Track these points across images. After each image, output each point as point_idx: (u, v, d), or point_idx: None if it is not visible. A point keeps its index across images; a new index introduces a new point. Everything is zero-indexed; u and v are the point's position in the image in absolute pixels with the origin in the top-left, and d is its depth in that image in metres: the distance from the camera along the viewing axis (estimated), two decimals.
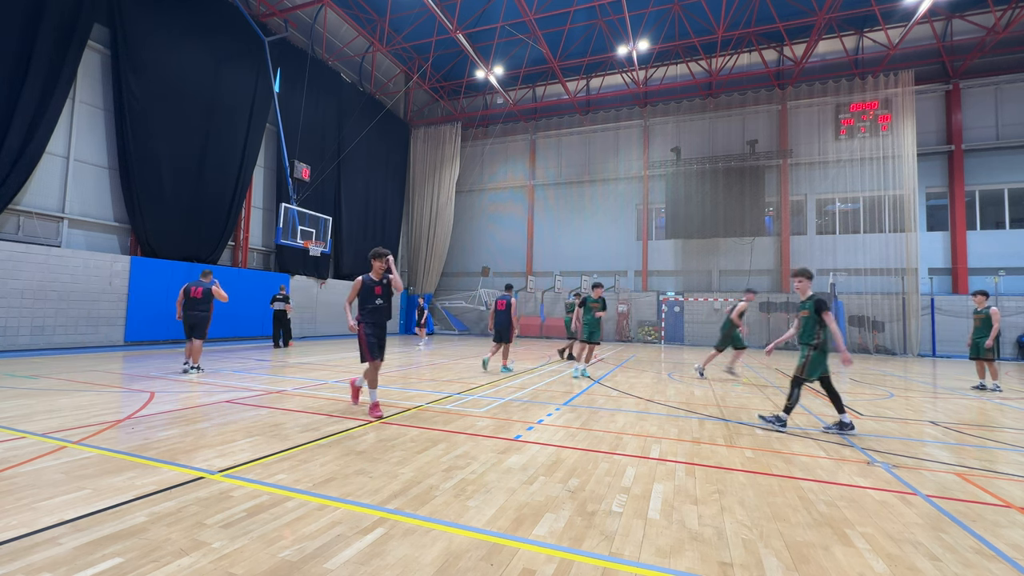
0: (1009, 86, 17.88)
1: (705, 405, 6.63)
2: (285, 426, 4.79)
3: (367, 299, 5.45)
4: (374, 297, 5.43)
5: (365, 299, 5.45)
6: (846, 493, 3.36)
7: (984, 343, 8.69)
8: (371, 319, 5.42)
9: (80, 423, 4.67)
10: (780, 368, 11.98)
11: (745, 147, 20.58)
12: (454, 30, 17.10)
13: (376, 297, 5.43)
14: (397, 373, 9.14)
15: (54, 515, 2.64)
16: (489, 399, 6.63)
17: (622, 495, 3.22)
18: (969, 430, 5.50)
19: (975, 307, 8.99)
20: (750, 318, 19.81)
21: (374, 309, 5.43)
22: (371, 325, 5.43)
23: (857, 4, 17.59)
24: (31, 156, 10.78)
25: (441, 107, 25.79)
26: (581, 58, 21.44)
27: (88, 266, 11.86)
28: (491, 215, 25.32)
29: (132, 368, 8.69)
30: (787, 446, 4.58)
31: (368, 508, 2.88)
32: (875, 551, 2.52)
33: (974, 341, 8.92)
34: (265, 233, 17.60)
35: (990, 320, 8.64)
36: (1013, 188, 17.72)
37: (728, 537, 2.64)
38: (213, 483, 3.20)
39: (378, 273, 5.49)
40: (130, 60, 12.58)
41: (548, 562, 2.31)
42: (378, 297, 5.44)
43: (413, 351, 14.26)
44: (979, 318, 8.84)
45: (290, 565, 2.21)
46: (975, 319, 8.90)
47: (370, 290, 5.44)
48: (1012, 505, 3.23)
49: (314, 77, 18.20)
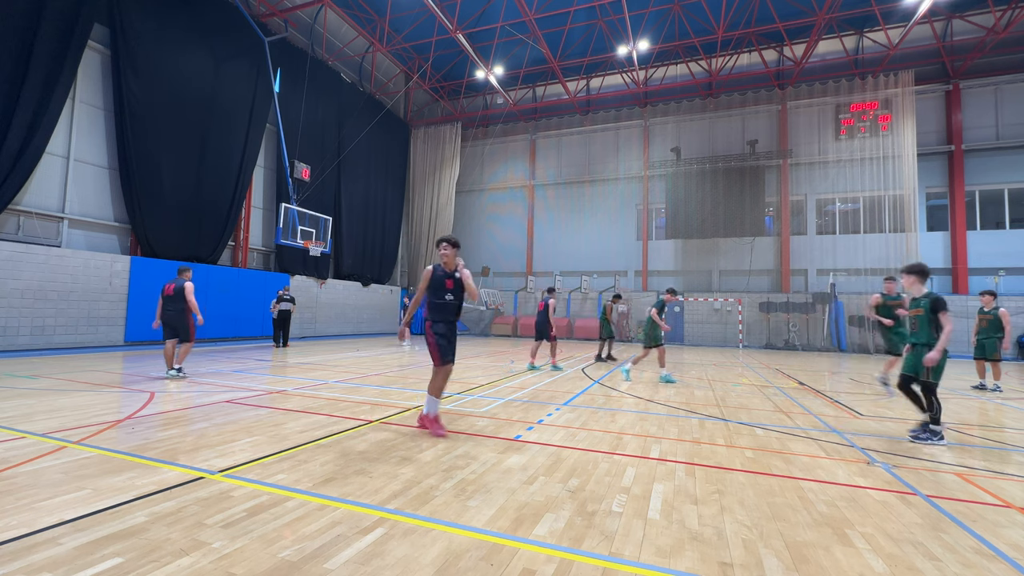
0: (1009, 86, 17.88)
1: (705, 405, 6.63)
2: (285, 426, 4.79)
3: (437, 293, 4.75)
4: (444, 291, 4.75)
5: (435, 293, 4.76)
6: (846, 493, 3.36)
7: (991, 344, 8.61)
8: (440, 316, 4.75)
9: (80, 423, 4.67)
10: (781, 369, 11.98)
11: (745, 147, 20.58)
12: (454, 30, 17.10)
13: (447, 291, 4.75)
14: (397, 373, 9.14)
15: (54, 515, 2.64)
16: (489, 399, 6.63)
17: (622, 495, 3.22)
18: (969, 430, 5.50)
19: (982, 307, 8.87)
20: (749, 318, 19.87)
21: (444, 305, 4.76)
22: (441, 323, 4.75)
23: (857, 4, 17.60)
24: (31, 156, 10.78)
25: (441, 107, 25.80)
26: (581, 58, 21.44)
27: (88, 266, 11.86)
28: (491, 215, 25.32)
29: (132, 368, 8.69)
30: (787, 446, 4.58)
31: (368, 508, 2.88)
32: (875, 551, 2.52)
33: (980, 341, 8.82)
34: (265, 233, 17.61)
35: (999, 321, 8.54)
36: (1013, 188, 17.73)
37: (728, 537, 2.64)
38: (213, 483, 3.20)
39: (450, 264, 4.79)
40: (130, 60, 12.58)
41: (548, 562, 2.31)
42: (449, 292, 4.76)
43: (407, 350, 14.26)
44: (987, 319, 8.71)
45: (290, 565, 2.21)
46: (981, 319, 8.79)
47: (441, 283, 4.74)
48: (1012, 505, 3.23)
49: (314, 77, 18.21)
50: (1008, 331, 8.51)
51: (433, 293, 4.76)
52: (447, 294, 4.75)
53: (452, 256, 4.76)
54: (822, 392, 8.18)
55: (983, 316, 8.80)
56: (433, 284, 4.75)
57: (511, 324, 23.50)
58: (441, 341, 4.71)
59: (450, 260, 4.77)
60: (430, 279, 4.75)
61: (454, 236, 4.86)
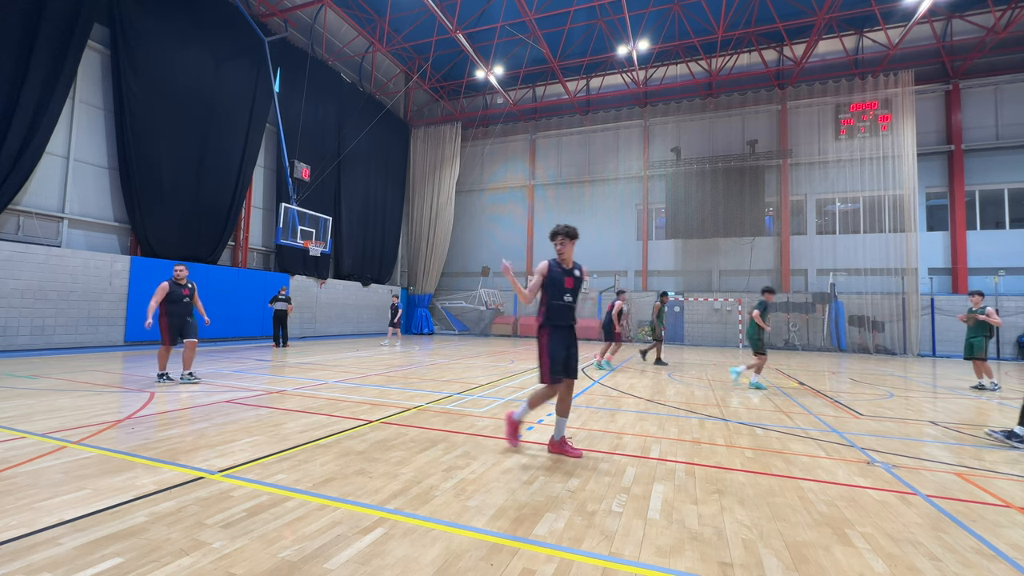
0: (1009, 86, 17.88)
1: (705, 405, 6.63)
2: (285, 426, 4.79)
3: (555, 292, 3.98)
4: (563, 291, 3.97)
5: (552, 293, 3.99)
6: (846, 493, 3.36)
7: (979, 343, 8.73)
8: (559, 320, 4.00)
9: (80, 423, 4.67)
10: (780, 369, 11.98)
11: (745, 147, 20.58)
12: (454, 30, 17.10)
13: (566, 292, 3.98)
14: (397, 373, 9.14)
15: (54, 515, 2.64)
16: (489, 399, 6.64)
17: (622, 495, 3.22)
18: (969, 430, 5.50)
19: (970, 307, 9.02)
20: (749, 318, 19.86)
21: (564, 308, 4.00)
22: (560, 329, 3.99)
23: (857, 4, 17.60)
24: (31, 156, 10.78)
25: (441, 107, 25.79)
26: (581, 58, 21.44)
27: (88, 266, 11.86)
28: (491, 215, 25.31)
29: (132, 368, 8.69)
30: (787, 446, 4.58)
31: (368, 508, 2.88)
32: (875, 551, 2.52)
33: (968, 341, 8.96)
34: (265, 233, 17.61)
35: (985, 320, 8.68)
36: (1013, 188, 17.72)
37: (728, 537, 2.64)
38: (213, 483, 3.20)
39: (568, 260, 4.04)
40: (130, 60, 12.58)
41: (548, 562, 2.31)
42: (568, 292, 3.99)
43: (408, 351, 14.26)
44: (974, 318, 8.86)
45: (290, 565, 2.21)
46: (969, 319, 8.91)
47: (559, 281, 3.98)
48: (1012, 505, 3.23)
49: (314, 77, 18.20)
50: (995, 321, 8.63)
51: (551, 293, 4.01)
52: (566, 294, 3.99)
53: (571, 250, 4.04)
54: (822, 392, 8.18)
55: (970, 316, 8.90)
56: (550, 282, 3.99)
57: (511, 324, 23.50)
58: (559, 352, 3.94)
59: (568, 255, 4.05)
60: (547, 275, 3.99)
61: (572, 226, 4.07)
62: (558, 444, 4.06)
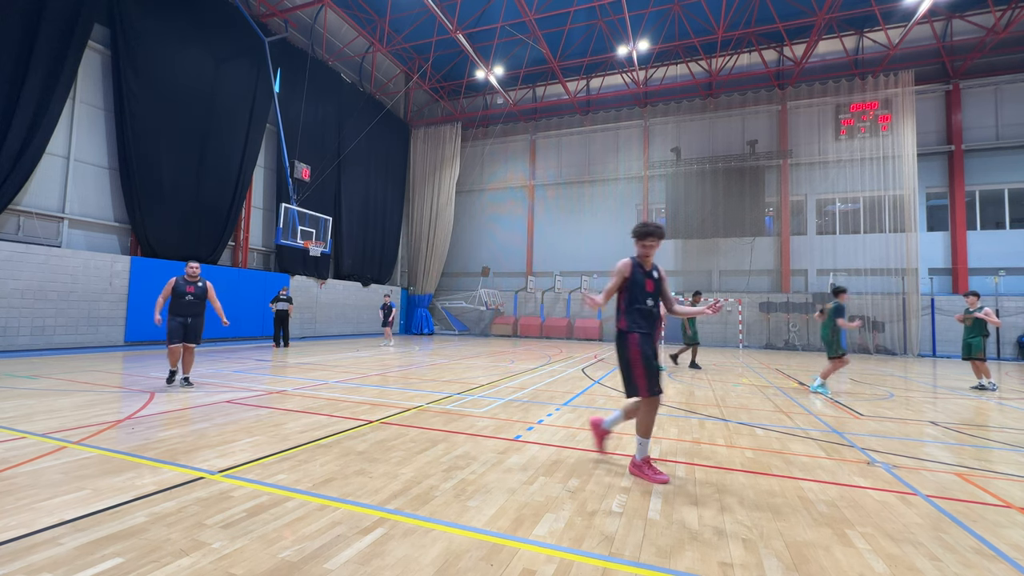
0: (1009, 86, 17.87)
1: (705, 405, 6.63)
2: (285, 426, 4.79)
3: (636, 296, 3.64)
4: (645, 295, 3.64)
5: (634, 296, 3.65)
6: (846, 493, 3.36)
7: (977, 343, 8.76)
8: (644, 327, 3.63)
9: (80, 423, 4.67)
10: (781, 368, 11.98)
11: (745, 147, 20.58)
12: (454, 30, 17.10)
13: (647, 295, 3.65)
14: (397, 373, 9.14)
15: (54, 515, 2.65)
16: (489, 399, 6.63)
17: (622, 495, 3.22)
18: (969, 430, 5.50)
19: (967, 307, 9.04)
20: (749, 318, 19.89)
21: (648, 313, 3.65)
22: (646, 337, 3.62)
23: (857, 4, 17.59)
24: (31, 156, 10.77)
25: (441, 107, 25.79)
26: (581, 58, 21.44)
27: (88, 266, 11.86)
28: (491, 215, 25.31)
29: (132, 368, 8.69)
30: (787, 446, 4.58)
31: (368, 508, 2.88)
32: (875, 551, 2.52)
33: (965, 341, 8.99)
34: (265, 233, 17.61)
35: (982, 320, 8.71)
36: (1013, 188, 17.72)
37: (728, 537, 2.64)
38: (213, 483, 3.20)
39: (648, 262, 3.72)
40: (130, 60, 12.58)
41: (548, 562, 2.31)
42: (650, 296, 3.66)
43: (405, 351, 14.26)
44: (971, 318, 8.89)
45: (290, 565, 2.21)
46: (966, 319, 8.94)
47: (641, 284, 3.64)
48: (1012, 505, 3.23)
49: (314, 77, 18.20)
50: (993, 321, 8.64)
51: (633, 296, 3.65)
52: (648, 298, 3.65)
53: (653, 252, 3.70)
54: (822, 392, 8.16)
55: (967, 316, 8.92)
56: (632, 283, 3.65)
57: (511, 324, 23.50)
58: (651, 363, 3.58)
59: (650, 257, 3.72)
60: (629, 278, 3.65)
61: (659, 225, 3.73)
62: (643, 465, 3.61)
